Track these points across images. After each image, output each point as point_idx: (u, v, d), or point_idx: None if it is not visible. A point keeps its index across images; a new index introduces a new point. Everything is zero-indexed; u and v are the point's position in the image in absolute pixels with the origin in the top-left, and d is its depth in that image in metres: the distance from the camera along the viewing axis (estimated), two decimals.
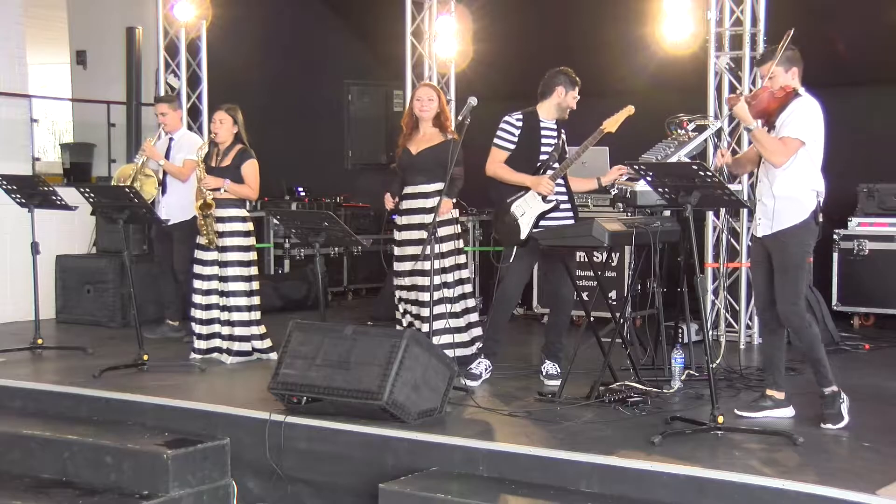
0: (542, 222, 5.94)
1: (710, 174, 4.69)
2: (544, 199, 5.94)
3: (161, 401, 5.58)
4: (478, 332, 6.45)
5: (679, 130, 6.79)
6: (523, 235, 5.97)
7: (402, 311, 6.56)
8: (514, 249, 6.00)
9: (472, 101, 5.80)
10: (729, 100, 5.10)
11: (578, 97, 6.06)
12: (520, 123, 6.02)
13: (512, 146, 6.03)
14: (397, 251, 6.50)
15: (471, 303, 6.54)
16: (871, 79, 8.51)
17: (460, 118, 5.89)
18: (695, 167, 4.75)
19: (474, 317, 6.50)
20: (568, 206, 6.11)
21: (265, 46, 10.59)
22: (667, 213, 6.34)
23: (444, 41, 8.68)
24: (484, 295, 8.59)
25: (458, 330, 6.31)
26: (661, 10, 7.72)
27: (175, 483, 4.94)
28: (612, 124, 5.86)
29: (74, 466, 5.20)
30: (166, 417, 5.48)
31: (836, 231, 8.09)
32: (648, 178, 4.95)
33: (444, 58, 8.74)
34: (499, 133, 6.06)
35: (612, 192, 6.58)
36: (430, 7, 8.65)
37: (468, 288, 6.56)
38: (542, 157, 6.01)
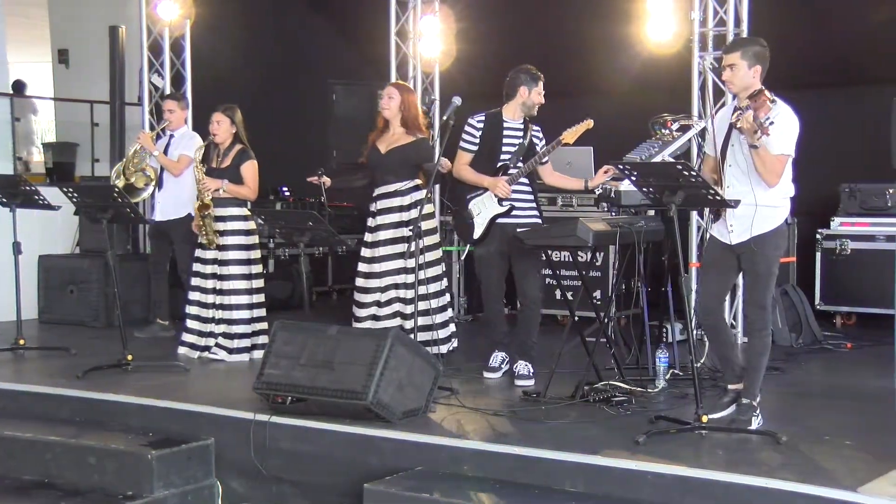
0: (500, 220, 5.97)
1: (695, 174, 4.69)
2: (500, 201, 5.97)
3: (145, 401, 5.55)
4: (452, 328, 6.56)
5: (663, 130, 6.82)
6: (476, 235, 6.06)
7: (367, 314, 6.49)
8: (468, 247, 6.10)
9: (457, 100, 5.81)
10: (760, 126, 4.57)
11: (543, 92, 6.04)
12: (481, 125, 6.06)
13: (474, 147, 6.08)
14: (367, 252, 6.48)
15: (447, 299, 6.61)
16: (853, 79, 8.55)
17: (444, 118, 5.90)
18: (679, 167, 4.75)
19: (450, 313, 6.59)
20: (532, 205, 6.10)
21: (249, 46, 10.56)
22: (651, 212, 6.37)
23: (428, 41, 8.68)
24: (469, 294, 8.61)
25: (441, 325, 6.38)
26: (645, 10, 7.73)
27: (159, 483, 4.92)
28: (570, 136, 5.86)
29: (57, 467, 5.17)
30: (150, 417, 5.46)
31: (819, 231, 8.13)
32: (633, 178, 4.95)
33: (428, 58, 8.74)
34: (462, 135, 6.11)
35: (597, 192, 6.60)
36: (414, 7, 8.64)
37: (445, 283, 6.61)
38: (504, 156, 6.02)
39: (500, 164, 6.02)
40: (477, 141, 6.07)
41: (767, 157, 4.73)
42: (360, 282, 6.53)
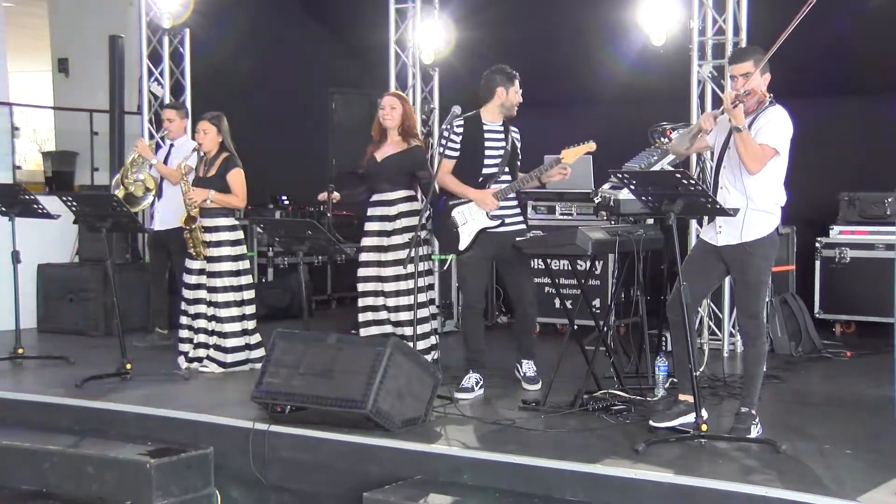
0: (490, 229, 5.88)
1: (694, 183, 4.70)
2: (489, 214, 5.89)
3: (144, 410, 5.55)
4: (433, 340, 6.44)
5: (662, 139, 6.83)
6: (462, 246, 5.92)
7: (367, 319, 6.44)
8: (451, 257, 6.02)
9: (456, 109, 5.80)
10: (736, 96, 4.75)
11: (520, 90, 5.92)
12: (460, 130, 5.89)
13: (456, 153, 5.93)
14: (362, 256, 6.48)
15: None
16: (853, 87, 8.56)
17: (444, 127, 5.89)
18: (678, 176, 4.76)
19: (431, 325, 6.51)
20: (517, 212, 6.03)
21: (249, 55, 10.58)
22: (650, 221, 6.37)
23: (427, 50, 8.69)
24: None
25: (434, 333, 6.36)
26: (645, 20, 7.75)
27: (158, 493, 4.90)
28: (570, 156, 5.75)
29: (55, 477, 5.15)
30: (149, 427, 5.45)
31: (818, 239, 8.14)
32: (632, 187, 4.96)
33: (427, 66, 8.76)
34: (440, 141, 5.99)
35: (596, 201, 6.60)
36: (413, 16, 8.65)
37: (431, 294, 6.55)
38: (487, 160, 5.91)
39: (486, 170, 5.90)
40: (458, 146, 5.91)
41: (749, 141, 4.76)
42: (358, 286, 6.53)
